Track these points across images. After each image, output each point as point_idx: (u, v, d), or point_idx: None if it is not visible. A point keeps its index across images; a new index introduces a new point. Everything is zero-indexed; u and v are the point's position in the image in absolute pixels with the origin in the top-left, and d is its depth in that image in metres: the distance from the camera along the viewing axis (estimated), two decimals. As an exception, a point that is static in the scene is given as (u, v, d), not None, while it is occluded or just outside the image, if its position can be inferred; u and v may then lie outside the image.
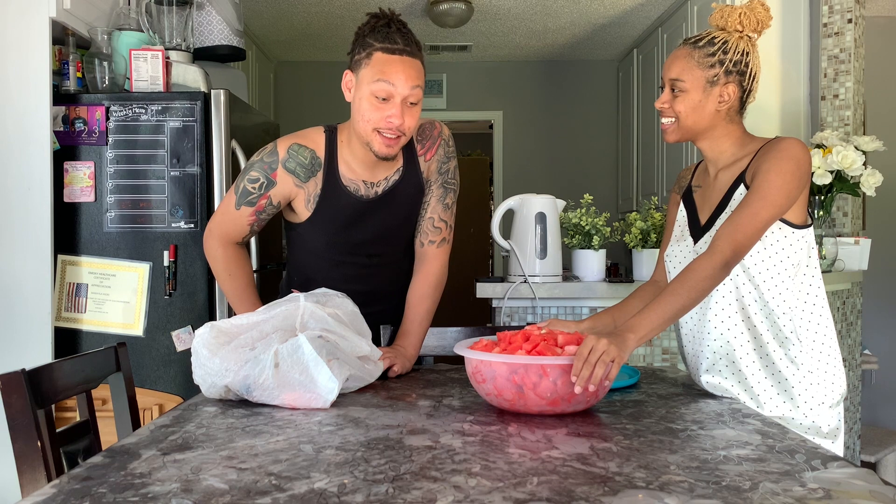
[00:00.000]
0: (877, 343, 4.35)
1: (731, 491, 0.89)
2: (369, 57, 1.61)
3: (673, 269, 1.64)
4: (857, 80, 3.54)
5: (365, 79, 1.61)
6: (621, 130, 5.62)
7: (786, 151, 1.44)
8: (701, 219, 1.61)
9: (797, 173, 1.43)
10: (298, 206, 1.76)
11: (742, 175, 1.51)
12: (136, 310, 2.51)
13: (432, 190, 1.82)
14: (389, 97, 1.60)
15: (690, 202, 1.66)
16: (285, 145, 1.72)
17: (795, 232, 1.49)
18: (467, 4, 4.37)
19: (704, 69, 1.51)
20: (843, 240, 3.10)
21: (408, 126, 1.63)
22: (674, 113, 1.54)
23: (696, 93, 1.52)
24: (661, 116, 1.58)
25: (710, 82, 1.51)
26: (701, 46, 1.52)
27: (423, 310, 1.81)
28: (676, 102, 1.54)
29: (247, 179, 1.72)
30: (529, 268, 2.62)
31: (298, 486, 0.91)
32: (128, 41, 2.60)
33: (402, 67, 1.60)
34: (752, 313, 1.51)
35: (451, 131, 1.87)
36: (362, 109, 1.63)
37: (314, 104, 5.76)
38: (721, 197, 1.56)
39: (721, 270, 1.38)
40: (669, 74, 1.55)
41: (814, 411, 1.51)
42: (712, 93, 1.52)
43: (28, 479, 1.20)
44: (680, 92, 1.53)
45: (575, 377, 1.24)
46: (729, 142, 1.57)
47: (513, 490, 0.89)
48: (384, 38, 1.60)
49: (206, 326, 1.45)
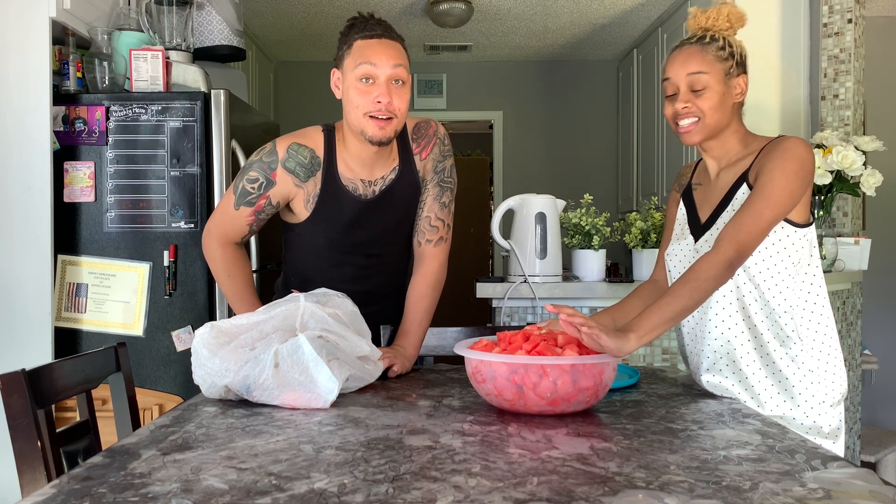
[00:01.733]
0: (877, 343, 4.35)
1: (731, 491, 0.89)
2: (350, 47, 1.65)
3: (673, 267, 1.63)
4: (857, 80, 3.54)
5: (348, 68, 1.65)
6: (621, 130, 5.62)
7: (790, 151, 1.44)
8: (701, 217, 1.60)
9: (801, 173, 1.43)
10: (297, 206, 1.76)
11: (745, 174, 1.51)
12: (136, 310, 2.51)
13: (428, 189, 1.82)
14: (373, 78, 1.62)
15: (690, 200, 1.65)
16: (284, 145, 1.72)
17: (797, 231, 1.49)
18: (467, 4, 4.37)
19: (721, 62, 1.50)
20: (843, 240, 3.10)
21: (397, 107, 1.64)
22: (699, 111, 1.50)
23: (719, 86, 1.50)
24: (680, 118, 1.52)
25: (728, 74, 1.51)
26: (708, 43, 1.51)
27: (423, 309, 1.81)
28: (701, 100, 1.50)
29: (245, 179, 1.72)
30: (529, 268, 2.62)
31: (298, 486, 0.91)
32: (128, 41, 2.60)
33: (382, 48, 1.62)
34: (752, 312, 1.51)
35: (447, 130, 1.87)
36: (351, 97, 1.64)
37: (314, 104, 5.76)
38: (723, 195, 1.55)
39: (725, 271, 1.38)
40: (687, 69, 1.50)
41: (814, 410, 1.51)
42: (731, 85, 1.51)
43: (28, 479, 1.20)
44: (704, 88, 1.49)
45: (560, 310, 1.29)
46: (735, 139, 1.56)
47: (513, 490, 0.89)
48: (362, 28, 1.65)
49: (206, 326, 1.45)
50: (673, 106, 1.53)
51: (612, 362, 1.33)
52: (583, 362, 1.26)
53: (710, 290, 1.38)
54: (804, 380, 1.50)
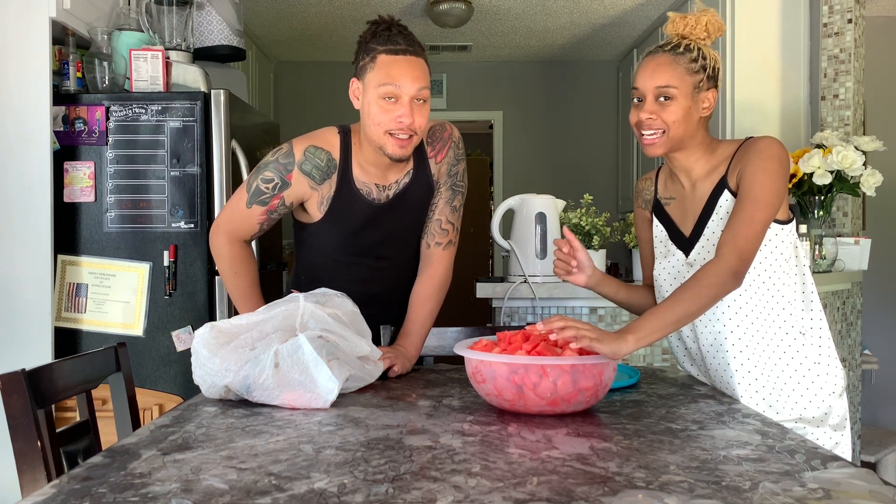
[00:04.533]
0: (877, 343, 4.35)
1: (731, 491, 0.89)
2: (374, 61, 1.62)
3: (664, 283, 1.62)
4: (857, 80, 3.54)
5: (371, 83, 1.62)
6: (621, 130, 5.62)
7: (766, 152, 1.44)
8: (684, 231, 1.59)
9: (781, 171, 1.44)
10: (311, 208, 1.75)
11: (723, 180, 1.51)
12: (136, 310, 2.51)
13: (441, 192, 1.82)
14: (397, 98, 1.60)
15: (664, 216, 1.64)
16: (302, 147, 1.71)
17: (784, 228, 1.51)
18: (467, 4, 4.37)
19: (692, 75, 1.48)
20: (843, 240, 3.10)
21: (418, 125, 1.63)
22: (662, 124, 1.48)
23: (685, 100, 1.47)
24: (643, 129, 1.50)
25: (697, 88, 1.49)
26: (681, 53, 1.48)
27: (427, 311, 1.81)
28: (666, 112, 1.47)
29: (260, 179, 1.71)
30: (529, 268, 2.62)
31: (298, 486, 0.91)
32: (128, 41, 2.60)
33: (408, 67, 1.60)
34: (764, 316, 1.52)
35: (460, 133, 1.87)
36: (372, 113, 1.62)
37: (314, 104, 5.76)
38: (703, 205, 1.54)
39: (728, 279, 1.37)
40: (656, 82, 1.48)
41: (825, 402, 1.53)
42: (699, 99, 1.49)
43: (28, 479, 1.20)
44: (669, 100, 1.47)
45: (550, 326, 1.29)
46: (700, 150, 1.54)
47: (513, 490, 0.89)
48: (386, 40, 1.61)
49: (206, 326, 1.45)
50: (638, 114, 1.51)
51: (612, 362, 1.33)
52: (583, 362, 1.27)
53: (713, 297, 1.37)
54: (809, 373, 1.52)
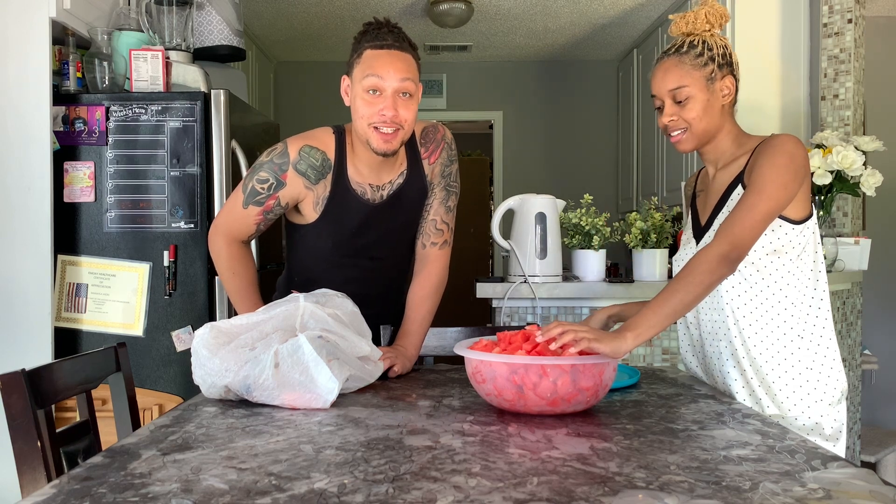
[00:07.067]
0: (877, 343, 4.35)
1: (731, 491, 0.89)
2: (360, 56, 1.65)
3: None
4: (857, 80, 3.54)
5: (357, 77, 1.65)
6: (621, 130, 5.62)
7: (778, 147, 1.46)
8: (702, 221, 1.63)
9: (791, 166, 1.44)
10: (306, 208, 1.75)
11: (740, 175, 1.52)
12: (136, 310, 2.51)
13: (435, 192, 1.83)
14: (380, 90, 1.62)
15: (694, 207, 1.69)
16: (296, 146, 1.71)
17: (795, 227, 1.50)
18: (467, 4, 4.37)
19: (700, 69, 1.52)
20: (843, 240, 3.10)
21: (403, 118, 1.63)
22: (685, 122, 1.53)
23: (702, 94, 1.52)
24: (670, 131, 1.57)
25: (710, 79, 1.52)
26: (685, 51, 1.53)
27: (424, 311, 1.81)
28: (685, 111, 1.53)
29: (256, 179, 1.71)
30: (529, 268, 2.62)
31: (298, 486, 0.91)
32: (128, 41, 2.60)
33: (390, 60, 1.62)
34: (762, 312, 1.51)
35: (452, 134, 1.89)
36: (357, 107, 1.65)
37: (314, 104, 5.76)
38: (719, 197, 1.57)
39: (719, 264, 1.37)
40: (667, 86, 1.54)
41: (812, 409, 1.51)
42: (715, 89, 1.53)
43: (28, 479, 1.20)
44: (686, 99, 1.52)
45: (547, 335, 1.30)
46: (729, 140, 1.58)
47: (513, 490, 0.89)
48: (374, 37, 1.64)
49: (206, 327, 1.45)
50: (661, 119, 1.57)
51: (612, 362, 1.33)
52: (583, 362, 1.27)
53: (706, 284, 1.37)
54: (799, 377, 1.51)
